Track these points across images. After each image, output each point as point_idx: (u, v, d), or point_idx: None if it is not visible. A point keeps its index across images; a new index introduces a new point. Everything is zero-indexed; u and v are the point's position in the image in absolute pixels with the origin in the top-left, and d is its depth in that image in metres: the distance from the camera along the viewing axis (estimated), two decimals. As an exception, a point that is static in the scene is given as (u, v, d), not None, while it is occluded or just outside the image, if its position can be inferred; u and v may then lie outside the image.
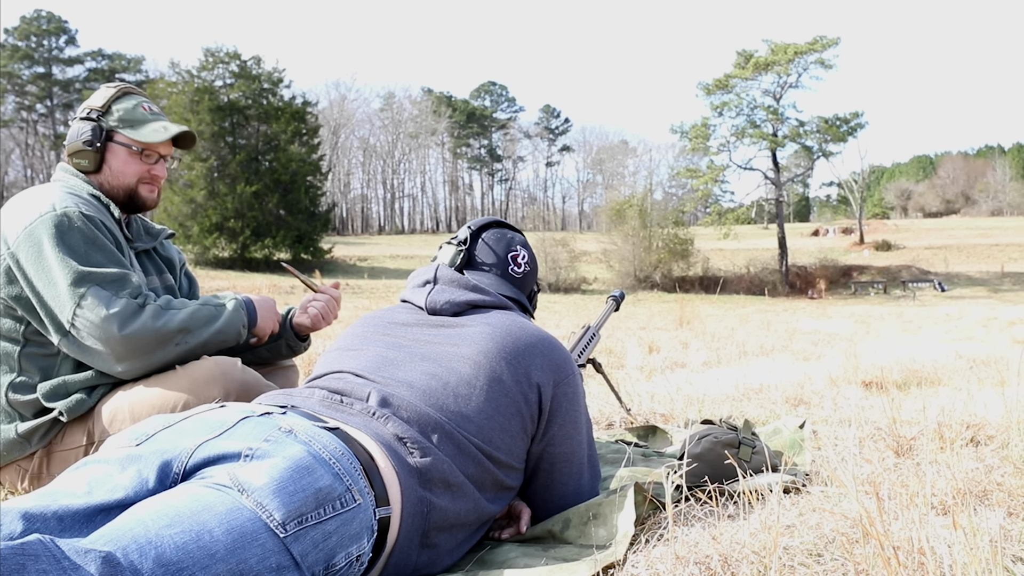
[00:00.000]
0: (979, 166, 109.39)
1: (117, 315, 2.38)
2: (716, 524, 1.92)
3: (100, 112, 2.72)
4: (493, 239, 2.38)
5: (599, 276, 50.96)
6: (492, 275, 2.34)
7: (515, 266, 2.38)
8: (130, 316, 2.40)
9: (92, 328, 2.36)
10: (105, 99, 2.74)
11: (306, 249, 54.73)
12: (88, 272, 2.40)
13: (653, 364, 6.41)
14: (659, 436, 3.35)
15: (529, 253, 2.44)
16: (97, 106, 2.72)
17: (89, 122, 2.71)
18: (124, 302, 2.41)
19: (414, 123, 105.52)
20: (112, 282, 2.44)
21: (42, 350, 2.53)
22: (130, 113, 2.75)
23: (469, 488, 1.85)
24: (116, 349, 2.39)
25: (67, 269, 2.38)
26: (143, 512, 1.35)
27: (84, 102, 2.79)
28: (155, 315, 2.44)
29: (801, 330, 12.34)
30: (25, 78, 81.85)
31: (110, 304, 2.38)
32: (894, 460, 2.57)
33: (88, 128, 2.70)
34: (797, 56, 50.66)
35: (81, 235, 2.45)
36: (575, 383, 2.14)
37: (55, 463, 2.52)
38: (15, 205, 2.55)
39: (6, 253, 2.46)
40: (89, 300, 2.37)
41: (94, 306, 2.37)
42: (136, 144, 2.73)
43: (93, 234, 2.48)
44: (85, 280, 2.39)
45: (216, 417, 1.65)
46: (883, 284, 46.80)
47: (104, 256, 2.48)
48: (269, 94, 56.28)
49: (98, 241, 2.48)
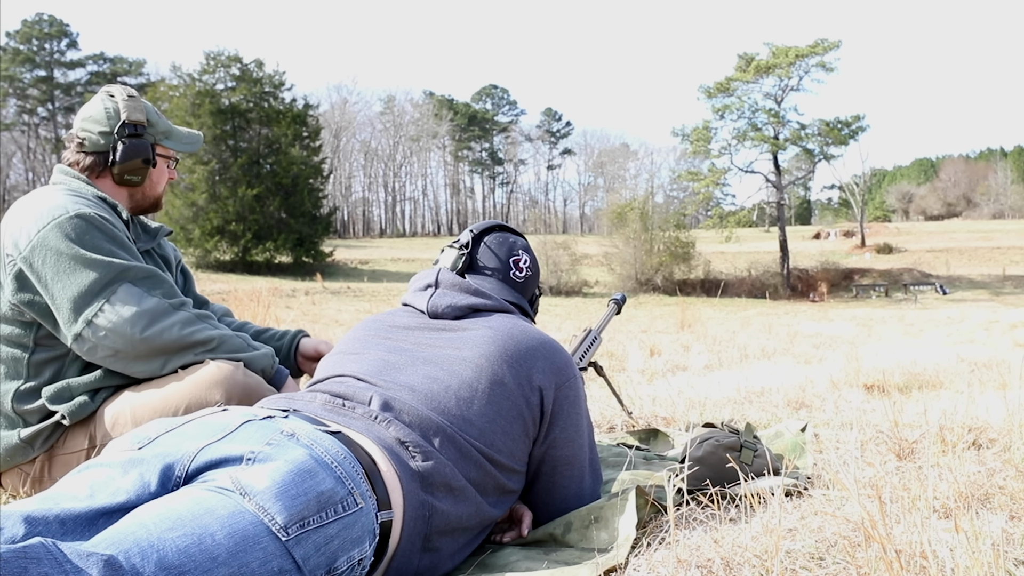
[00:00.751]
0: (980, 169, 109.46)
1: (147, 313, 2.39)
2: (718, 527, 1.92)
3: (145, 127, 2.75)
4: (495, 243, 2.38)
5: (600, 279, 50.96)
6: (494, 279, 2.34)
7: (517, 270, 2.37)
8: (159, 316, 2.41)
9: (114, 327, 2.36)
10: (143, 112, 2.74)
11: (307, 252, 54.83)
12: (124, 268, 2.41)
13: (654, 367, 6.41)
14: (660, 439, 3.35)
15: (531, 257, 2.44)
16: (142, 121, 2.73)
17: (141, 139, 2.73)
18: (156, 301, 2.43)
19: (415, 126, 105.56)
20: (146, 279, 2.45)
21: (51, 353, 2.52)
22: (162, 123, 2.79)
23: (471, 492, 1.85)
24: (136, 348, 2.40)
25: (97, 266, 2.39)
26: (145, 515, 1.35)
27: (94, 116, 2.73)
28: (186, 322, 2.46)
29: (802, 333, 12.34)
30: (26, 81, 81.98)
31: (142, 302, 2.40)
32: (896, 463, 2.57)
33: (144, 145, 2.73)
34: (798, 59, 50.71)
35: (102, 234, 2.46)
36: (576, 386, 2.14)
37: (57, 467, 2.52)
38: (21, 210, 2.53)
39: (17, 259, 2.44)
40: (120, 295, 2.38)
41: (124, 302, 2.38)
42: (178, 154, 2.80)
43: (113, 232, 2.49)
44: (120, 277, 2.40)
45: (218, 421, 1.65)
46: (884, 287, 46.81)
47: (129, 254, 2.49)
48: (270, 97, 56.36)
49: (119, 239, 2.49)
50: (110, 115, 2.72)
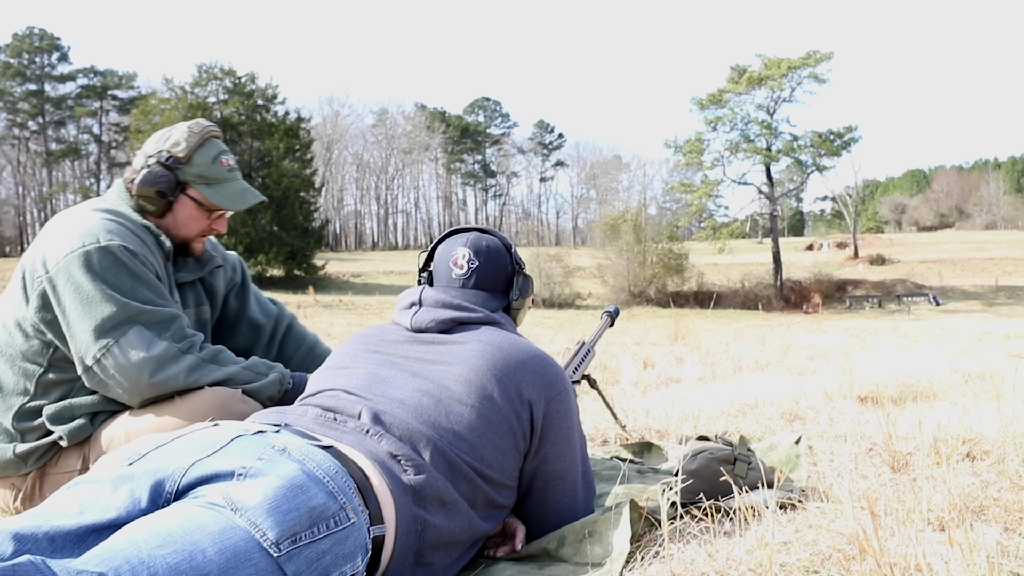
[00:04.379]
0: (973, 180, 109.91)
1: (154, 359, 2.37)
2: (712, 541, 1.91)
3: (179, 161, 2.63)
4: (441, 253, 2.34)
5: (593, 291, 50.94)
6: (453, 288, 2.28)
7: (457, 269, 2.28)
8: (166, 362, 2.39)
9: (121, 369, 2.35)
10: (188, 148, 2.64)
11: (299, 265, 54.69)
12: (138, 311, 2.38)
13: (648, 380, 6.41)
14: (654, 452, 3.34)
15: (476, 249, 2.31)
16: (179, 155, 2.63)
17: (166, 170, 2.62)
18: (165, 346, 2.39)
19: (408, 139, 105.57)
20: (158, 323, 2.42)
21: (62, 375, 2.50)
22: (209, 169, 2.67)
23: (463, 506, 1.85)
24: (143, 392, 2.40)
25: (113, 304, 2.36)
26: (136, 532, 1.34)
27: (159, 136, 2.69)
28: (192, 368, 2.43)
29: (796, 345, 12.34)
30: (17, 95, 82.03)
31: (151, 347, 2.37)
32: (890, 476, 2.57)
33: (165, 178, 2.61)
34: (790, 71, 50.85)
35: (126, 271, 2.42)
36: (567, 400, 2.13)
37: (48, 485, 2.51)
38: (59, 227, 2.51)
39: (44, 277, 2.42)
40: (130, 338, 2.36)
41: (133, 346, 2.35)
42: (210, 206, 2.68)
43: (139, 269, 2.45)
44: (132, 319, 2.37)
45: (209, 436, 1.64)
46: (878, 298, 46.87)
47: (151, 292, 2.45)
48: (263, 110, 56.35)
49: (144, 276, 2.45)
50: (164, 140, 2.67)
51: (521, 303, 2.37)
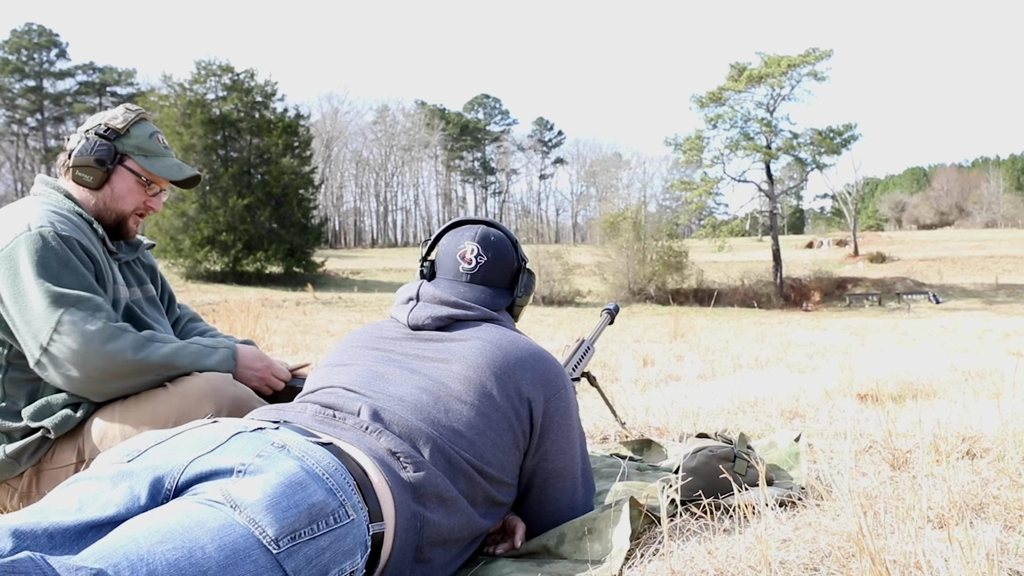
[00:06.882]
0: (973, 178, 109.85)
1: (97, 334, 2.34)
2: (711, 538, 1.91)
3: (117, 133, 2.67)
4: (446, 244, 2.33)
5: (593, 289, 50.93)
6: (458, 283, 2.27)
7: (465, 263, 2.27)
8: (110, 338, 2.36)
9: (69, 351, 2.32)
10: (125, 121, 2.68)
11: (298, 263, 54.61)
12: (62, 294, 2.36)
13: (648, 377, 6.41)
14: (654, 450, 3.34)
15: (485, 244, 2.30)
16: (116, 126, 2.66)
17: (105, 140, 2.65)
18: (103, 324, 2.36)
19: (407, 136, 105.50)
20: (93, 309, 2.39)
21: (25, 374, 2.48)
22: (146, 142, 2.71)
23: (462, 503, 1.85)
24: (92, 373, 2.35)
25: (42, 290, 2.34)
26: (135, 529, 1.34)
27: (95, 116, 2.73)
28: (136, 346, 2.40)
29: (796, 342, 12.35)
30: (15, 91, 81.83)
31: (87, 323, 2.34)
32: (890, 473, 2.57)
33: (104, 147, 2.64)
34: (790, 68, 50.84)
35: (55, 256, 2.40)
36: (567, 397, 2.13)
37: (45, 481, 2.49)
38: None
39: None
40: (66, 322, 2.32)
41: (72, 328, 2.32)
42: (148, 176, 2.70)
43: (67, 255, 2.43)
44: (60, 302, 2.34)
45: (208, 433, 1.63)
46: (878, 296, 46.83)
47: (75, 279, 2.42)
48: (262, 107, 56.23)
49: (71, 263, 2.43)
50: (101, 117, 2.70)
51: (524, 300, 2.37)
